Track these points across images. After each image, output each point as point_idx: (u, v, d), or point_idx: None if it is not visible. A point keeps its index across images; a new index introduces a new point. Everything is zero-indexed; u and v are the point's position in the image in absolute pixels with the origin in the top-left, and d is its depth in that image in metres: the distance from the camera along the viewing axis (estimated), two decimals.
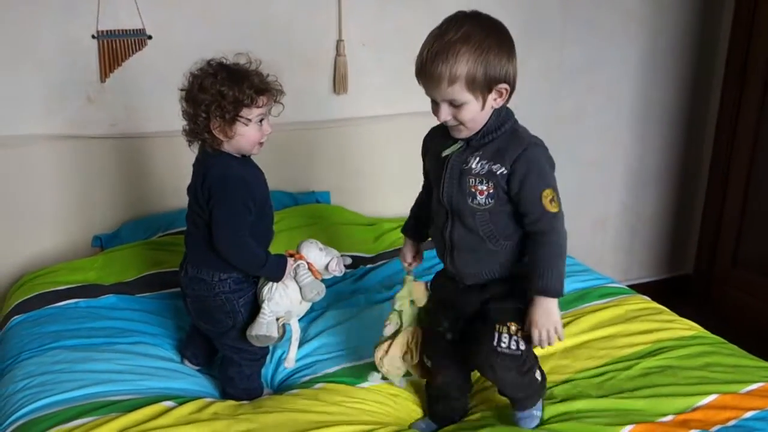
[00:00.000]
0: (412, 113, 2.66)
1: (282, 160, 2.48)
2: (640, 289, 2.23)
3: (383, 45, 2.58)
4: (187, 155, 2.37)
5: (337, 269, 1.73)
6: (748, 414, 1.52)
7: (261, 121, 1.62)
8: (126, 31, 2.24)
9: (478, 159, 1.43)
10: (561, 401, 1.60)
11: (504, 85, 1.40)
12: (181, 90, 1.64)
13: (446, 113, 1.41)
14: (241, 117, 1.58)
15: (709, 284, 3.17)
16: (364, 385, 1.69)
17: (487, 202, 1.43)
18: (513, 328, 1.45)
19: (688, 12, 3.01)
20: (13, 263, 2.23)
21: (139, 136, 2.32)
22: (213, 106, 1.56)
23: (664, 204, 3.28)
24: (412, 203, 1.98)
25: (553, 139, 2.91)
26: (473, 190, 1.43)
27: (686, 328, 1.89)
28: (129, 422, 1.47)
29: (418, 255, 1.70)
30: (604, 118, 3.04)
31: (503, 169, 1.41)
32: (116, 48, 2.24)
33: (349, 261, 1.79)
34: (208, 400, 1.62)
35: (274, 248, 2.18)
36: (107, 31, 2.22)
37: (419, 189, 2.69)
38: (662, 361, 1.73)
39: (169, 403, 1.55)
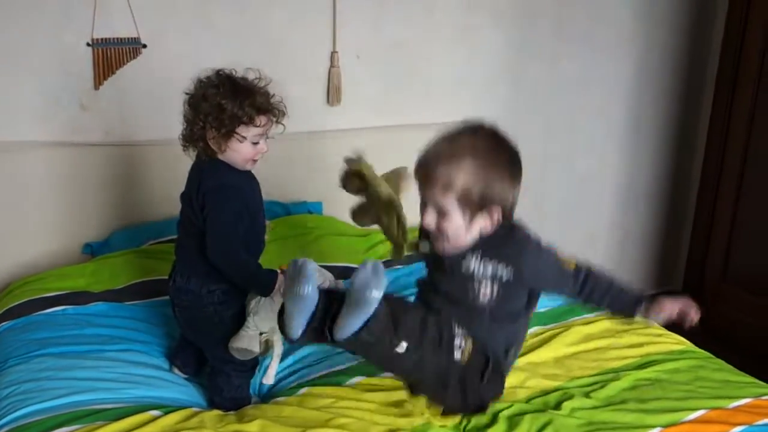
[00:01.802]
0: (405, 125, 2.68)
1: (275, 170, 2.47)
2: None
3: (377, 57, 2.60)
4: (179, 164, 2.36)
5: None
6: (735, 429, 1.53)
7: (257, 142, 1.60)
8: (121, 39, 2.25)
9: (478, 258, 1.35)
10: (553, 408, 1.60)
11: (497, 209, 1.33)
12: (187, 93, 1.63)
13: (431, 218, 1.33)
14: (237, 133, 1.57)
15: (698, 300, 3.17)
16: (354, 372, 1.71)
17: (490, 301, 1.37)
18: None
19: (679, 30, 3.04)
20: (1, 270, 2.22)
21: (132, 144, 2.32)
22: (211, 117, 1.56)
23: (654, 220, 3.30)
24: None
25: (545, 154, 2.98)
26: (477, 292, 1.36)
27: (675, 342, 1.90)
28: (114, 431, 1.46)
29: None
30: (594, 133, 3.06)
31: (508, 269, 1.35)
32: (111, 56, 2.25)
33: (342, 287, 1.75)
34: (195, 409, 1.62)
35: (265, 258, 2.18)
36: (102, 39, 2.22)
37: (410, 201, 2.69)
38: (651, 374, 1.74)
39: (155, 413, 1.55)
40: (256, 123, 1.58)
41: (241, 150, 1.59)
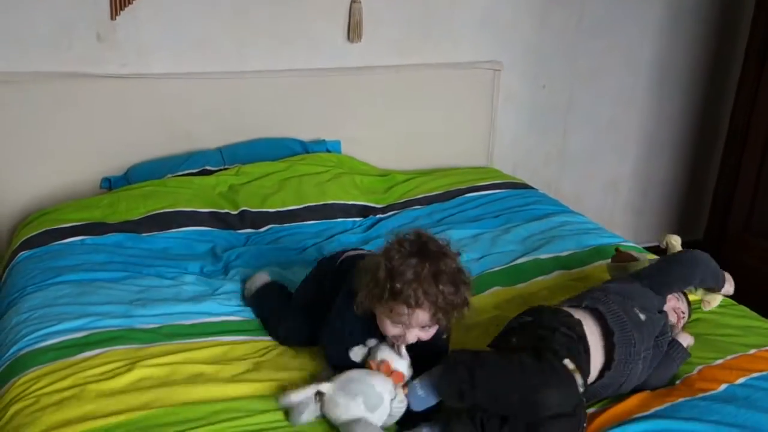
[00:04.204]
0: (426, 64, 2.62)
1: (294, 107, 2.45)
2: (649, 251, 2.20)
3: None
4: (197, 97, 2.34)
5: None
6: (754, 375, 1.51)
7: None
8: None
9: None
10: None
11: None
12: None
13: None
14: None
15: (719, 250, 3.13)
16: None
17: None
18: None
19: None
20: (20, 202, 2.22)
21: (150, 77, 2.28)
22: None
23: (678, 168, 3.24)
24: (422, 155, 1.86)
25: (569, 98, 2.92)
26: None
27: None
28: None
29: None
30: (621, 79, 2.98)
31: None
32: None
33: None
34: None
35: (282, 196, 2.17)
36: None
37: (429, 141, 2.68)
38: None
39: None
40: (388, 307, 1.37)
41: (383, 324, 1.41)
